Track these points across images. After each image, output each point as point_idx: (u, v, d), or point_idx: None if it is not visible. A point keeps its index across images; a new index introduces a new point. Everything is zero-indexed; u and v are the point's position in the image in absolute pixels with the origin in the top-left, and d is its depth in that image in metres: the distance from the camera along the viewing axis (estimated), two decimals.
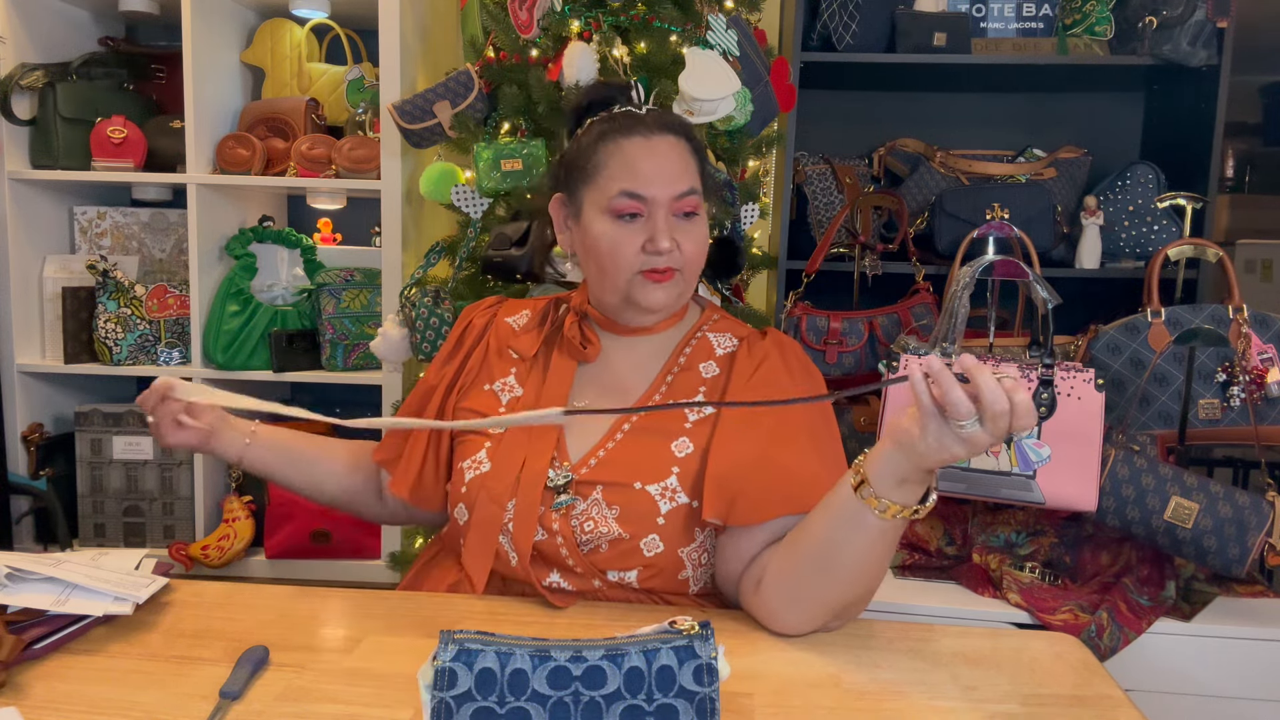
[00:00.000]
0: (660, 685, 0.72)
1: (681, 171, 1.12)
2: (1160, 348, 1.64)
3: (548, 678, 0.71)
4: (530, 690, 0.71)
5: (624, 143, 1.12)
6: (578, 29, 1.68)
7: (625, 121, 1.14)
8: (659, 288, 1.11)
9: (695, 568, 1.11)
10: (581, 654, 0.72)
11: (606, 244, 1.11)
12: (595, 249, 1.13)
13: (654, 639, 0.73)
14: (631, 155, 1.11)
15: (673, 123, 1.15)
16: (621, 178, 1.10)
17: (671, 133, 1.14)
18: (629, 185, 1.10)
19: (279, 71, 2.36)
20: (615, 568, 1.08)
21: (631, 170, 1.10)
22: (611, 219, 1.11)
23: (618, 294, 1.14)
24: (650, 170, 1.10)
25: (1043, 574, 1.59)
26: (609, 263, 1.12)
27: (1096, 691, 0.93)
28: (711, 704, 0.72)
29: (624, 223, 1.11)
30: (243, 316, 2.19)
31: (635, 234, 1.10)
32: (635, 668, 0.72)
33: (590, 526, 1.07)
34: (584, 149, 1.15)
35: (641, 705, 0.71)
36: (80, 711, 0.84)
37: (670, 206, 1.11)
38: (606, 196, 1.11)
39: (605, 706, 0.71)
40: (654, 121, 1.14)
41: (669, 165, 1.11)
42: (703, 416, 1.13)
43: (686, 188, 1.11)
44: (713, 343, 1.21)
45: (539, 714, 0.71)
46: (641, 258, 1.10)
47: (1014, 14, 2.23)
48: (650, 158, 1.11)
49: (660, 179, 1.10)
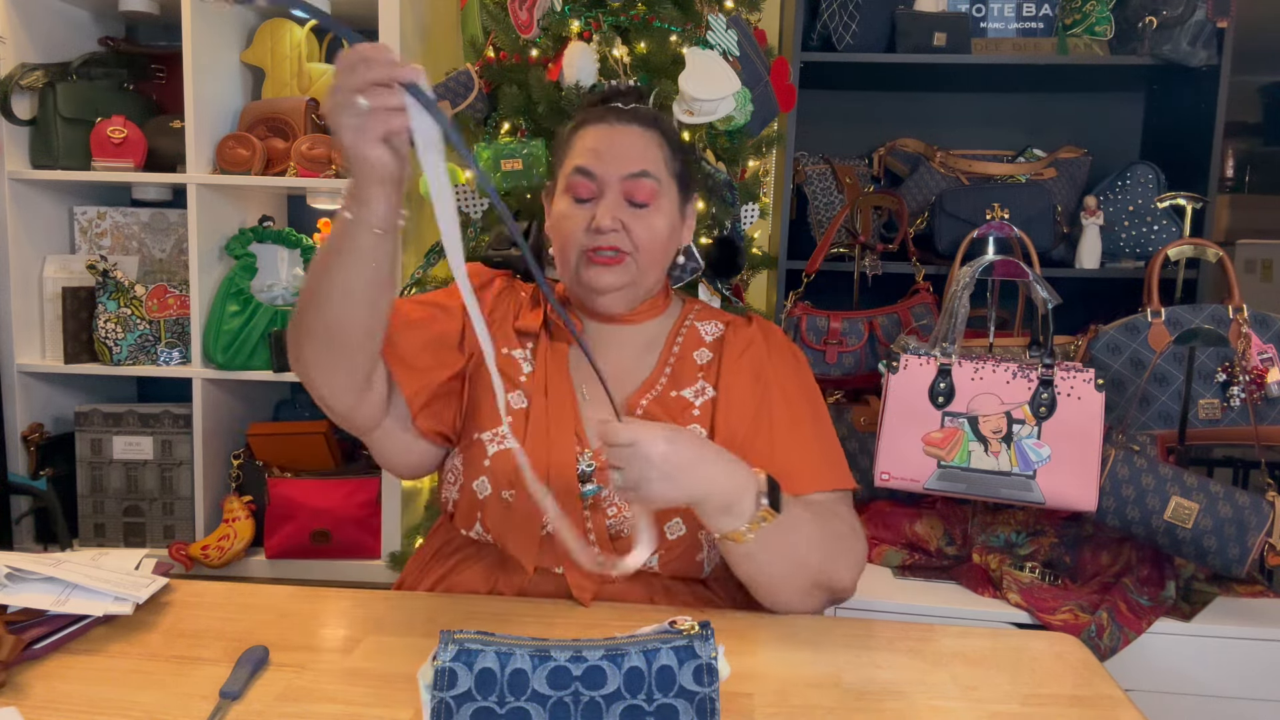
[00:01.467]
0: (660, 685, 0.72)
1: (638, 155, 1.14)
2: (1160, 348, 1.64)
3: (548, 678, 0.71)
4: (530, 690, 0.71)
5: (591, 128, 1.17)
6: (578, 29, 1.68)
7: (601, 110, 1.19)
8: (605, 270, 1.13)
9: (710, 548, 1.13)
10: (581, 654, 0.72)
11: (560, 220, 1.16)
12: (554, 229, 1.17)
13: (654, 639, 0.73)
14: (592, 137, 1.16)
15: (645, 115, 1.19)
16: (577, 156, 1.15)
17: (639, 123, 1.17)
18: (580, 162, 1.14)
19: (279, 71, 2.36)
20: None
21: (586, 150, 1.15)
22: (569, 198, 1.15)
23: (570, 275, 1.17)
24: (604, 150, 1.14)
25: (1043, 574, 1.59)
26: (561, 240, 1.16)
27: (1096, 691, 0.93)
28: (711, 704, 0.72)
29: (576, 203, 1.15)
30: (243, 316, 2.19)
31: (584, 213, 1.14)
32: (635, 668, 0.72)
33: (614, 512, 1.10)
34: (562, 138, 1.20)
35: (641, 705, 0.71)
36: (80, 711, 0.84)
37: (621, 187, 1.13)
38: (565, 176, 1.16)
39: (605, 706, 0.71)
40: (627, 112, 1.18)
41: (625, 148, 1.15)
42: (706, 399, 1.16)
43: (638, 169, 1.13)
44: (700, 331, 1.24)
45: (539, 714, 0.71)
46: (587, 236, 1.13)
47: (1014, 14, 2.24)
48: (608, 140, 1.15)
49: (613, 159, 1.13)
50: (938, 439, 1.54)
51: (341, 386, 1.05)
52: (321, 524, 2.18)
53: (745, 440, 1.12)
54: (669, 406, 1.15)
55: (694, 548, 1.12)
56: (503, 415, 0.98)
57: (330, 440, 2.25)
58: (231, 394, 2.32)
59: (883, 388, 1.58)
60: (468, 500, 1.13)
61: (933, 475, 1.54)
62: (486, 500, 1.11)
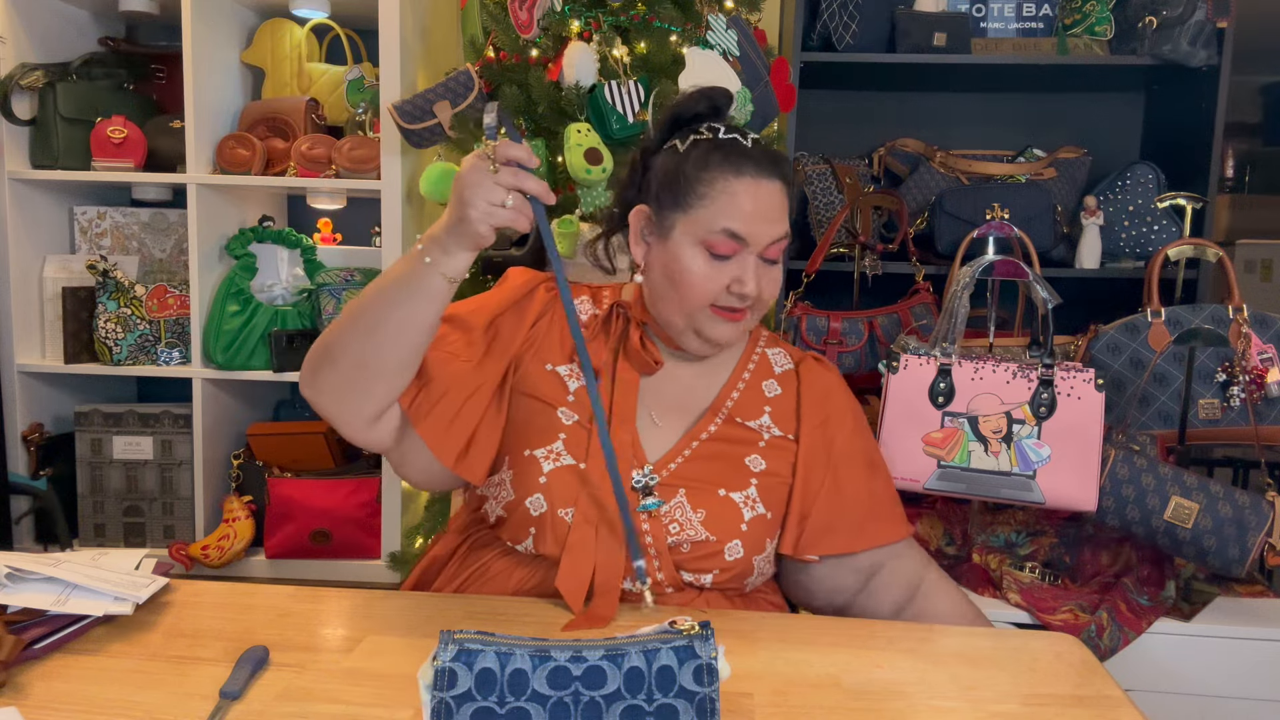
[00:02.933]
0: (660, 685, 0.72)
1: (780, 216, 1.13)
2: (1160, 348, 1.64)
3: (548, 678, 0.71)
4: (530, 690, 0.71)
5: (734, 182, 1.10)
6: (578, 29, 1.68)
7: (734, 155, 1.12)
8: (729, 325, 1.13)
9: (759, 575, 1.15)
10: (581, 654, 0.72)
11: (694, 276, 1.11)
12: (679, 275, 1.12)
13: (654, 639, 0.73)
14: (740, 196, 1.10)
15: (779, 162, 1.14)
16: (726, 216, 1.09)
17: (778, 176, 1.13)
18: (732, 225, 1.09)
19: (279, 71, 2.36)
20: (694, 569, 1.10)
21: (737, 211, 1.10)
22: (704, 252, 1.11)
23: (684, 319, 1.13)
24: (754, 214, 1.10)
25: (1043, 574, 1.59)
26: (688, 292, 1.11)
27: (1096, 691, 0.93)
28: (711, 704, 0.72)
29: (716, 258, 1.11)
30: (243, 316, 2.19)
31: (724, 272, 1.10)
32: (635, 668, 0.72)
33: (676, 529, 1.09)
34: (688, 174, 1.12)
35: (641, 705, 0.71)
36: (80, 711, 0.84)
37: (764, 252, 1.12)
38: (706, 230, 1.10)
39: (605, 706, 0.71)
40: (762, 159, 1.12)
41: (772, 210, 1.11)
42: (775, 437, 1.18)
43: (781, 233, 1.12)
44: (771, 360, 1.24)
45: (539, 714, 0.71)
46: (723, 295, 1.11)
47: (1014, 14, 2.24)
48: (756, 201, 1.10)
49: (762, 224, 1.10)
50: (938, 439, 1.54)
51: (353, 413, 1.10)
52: (321, 524, 2.18)
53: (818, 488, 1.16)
54: (734, 434, 1.16)
55: (747, 571, 1.12)
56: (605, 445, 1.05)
57: (330, 440, 2.25)
58: (231, 394, 2.32)
59: (883, 388, 1.58)
60: (520, 516, 1.11)
61: (933, 475, 1.53)
62: (543, 518, 1.09)
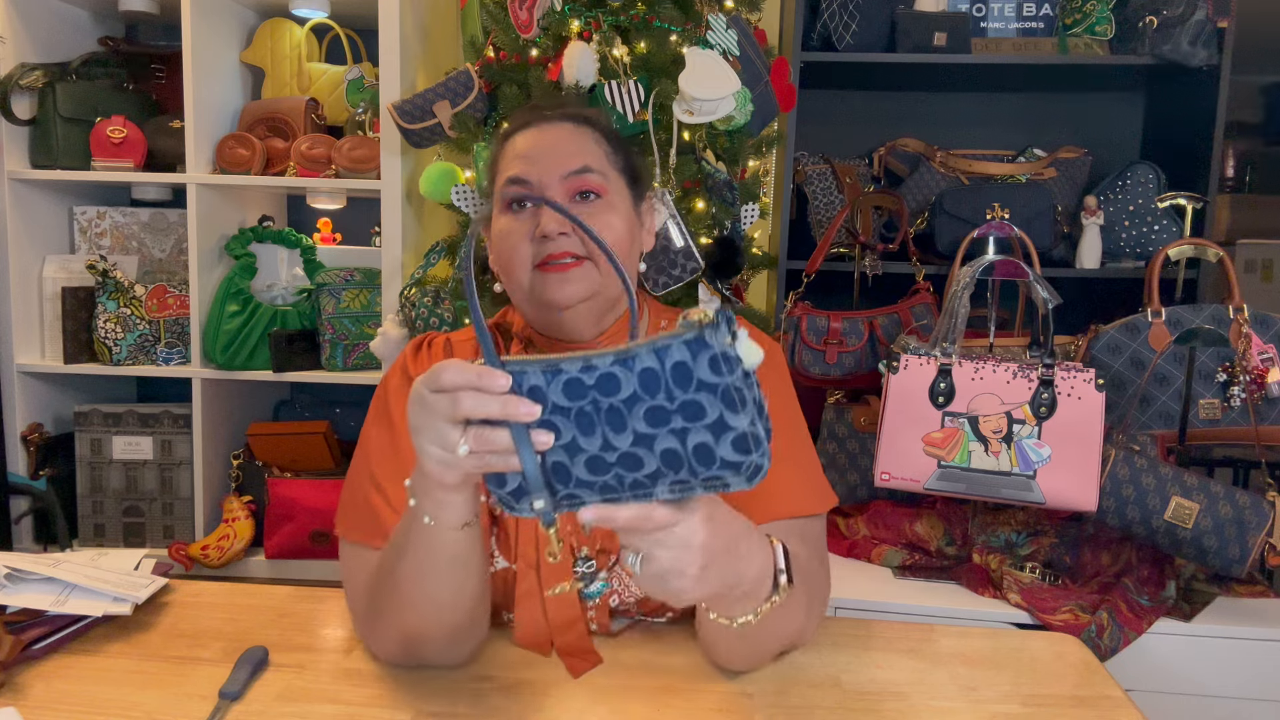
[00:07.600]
0: (678, 382, 0.66)
1: (574, 152, 1.02)
2: (1160, 348, 1.64)
3: (563, 390, 0.67)
4: (550, 404, 0.68)
5: (517, 136, 1.04)
6: (578, 29, 1.68)
7: (525, 116, 1.07)
8: (563, 279, 0.98)
9: None
10: (592, 363, 0.67)
11: (504, 239, 1.01)
12: (498, 252, 1.03)
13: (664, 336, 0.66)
14: (521, 144, 1.03)
15: (573, 112, 1.07)
16: (510, 167, 1.02)
17: (569, 120, 1.05)
18: (512, 170, 1.01)
19: (279, 71, 2.36)
20: (650, 613, 1.06)
21: (516, 157, 1.02)
22: (507, 215, 1.02)
23: (526, 297, 1.02)
24: (535, 153, 1.01)
25: (1043, 574, 1.59)
26: (509, 258, 1.01)
27: (1097, 691, 0.93)
28: (739, 393, 0.65)
29: (514, 213, 1.01)
30: (242, 316, 2.19)
31: (526, 223, 1.00)
32: (649, 368, 0.66)
33: (615, 601, 1.04)
34: (493, 156, 1.08)
35: (664, 405, 0.66)
36: (80, 711, 0.84)
37: (561, 187, 1.00)
38: (500, 193, 1.03)
39: (627, 411, 0.67)
40: (553, 112, 1.06)
41: (558, 146, 1.02)
42: None
43: (578, 165, 1.01)
44: None
45: (566, 426, 0.68)
46: (535, 247, 0.99)
47: (1014, 14, 2.24)
48: (537, 142, 1.03)
49: (546, 160, 1.01)
50: (938, 439, 1.54)
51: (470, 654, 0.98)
52: (321, 524, 2.18)
53: None
54: None
55: None
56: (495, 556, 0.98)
57: (330, 440, 2.25)
58: (231, 394, 2.32)
59: (883, 388, 1.58)
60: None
61: (933, 475, 1.54)
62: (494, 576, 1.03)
